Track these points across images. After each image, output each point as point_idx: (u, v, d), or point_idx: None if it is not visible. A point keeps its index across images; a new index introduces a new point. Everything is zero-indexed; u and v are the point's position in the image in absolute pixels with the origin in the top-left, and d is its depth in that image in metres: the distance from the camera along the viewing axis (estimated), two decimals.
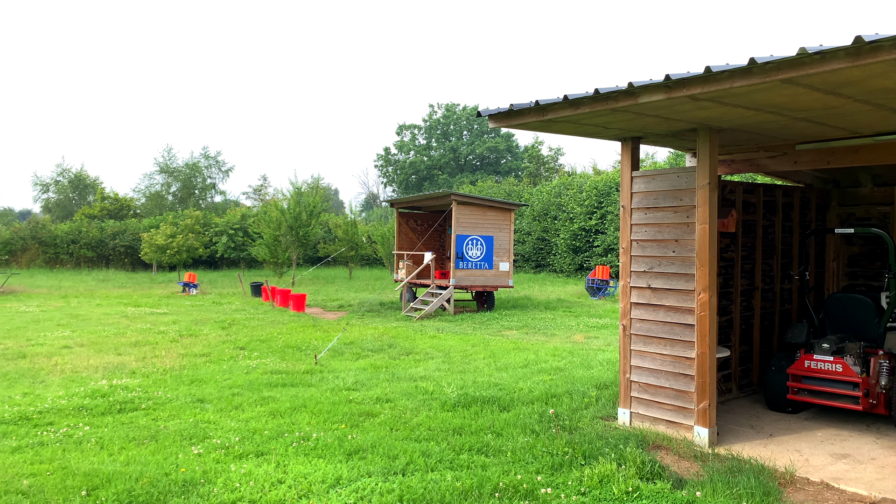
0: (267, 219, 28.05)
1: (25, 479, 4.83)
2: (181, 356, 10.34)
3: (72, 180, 49.52)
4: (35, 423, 6.45)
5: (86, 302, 19.93)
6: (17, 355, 10.30)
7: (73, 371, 9.14)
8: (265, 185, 56.28)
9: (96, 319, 15.22)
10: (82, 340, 11.90)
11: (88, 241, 38.27)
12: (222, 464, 5.20)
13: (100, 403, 7.16)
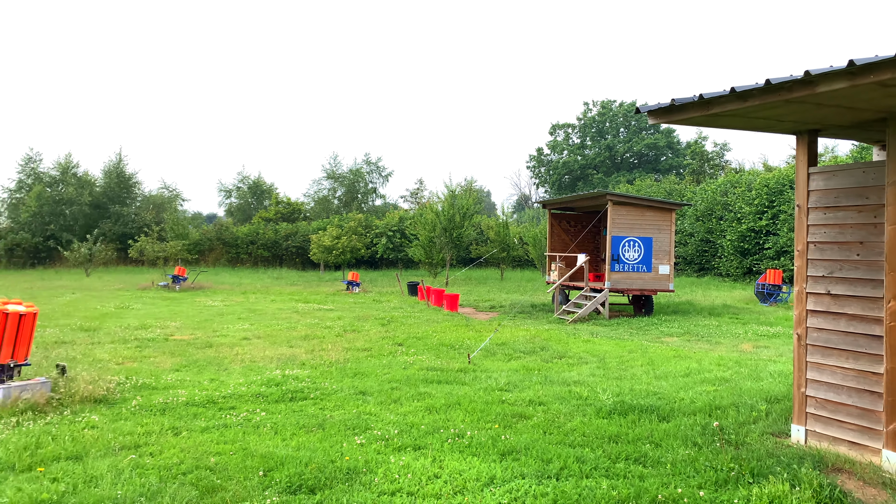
0: (423, 221, 28.97)
1: (212, 456, 5.35)
2: (345, 350, 10.95)
3: (251, 186, 54.11)
4: (220, 406, 7.12)
5: (262, 298, 21.70)
6: (205, 345, 11.44)
7: (251, 361, 9.99)
8: (421, 189, 58.12)
9: (271, 314, 16.52)
10: (259, 333, 12.97)
11: (264, 242, 41.62)
12: (383, 455, 5.44)
13: (274, 391, 7.76)
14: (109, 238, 40.10)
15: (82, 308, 17.47)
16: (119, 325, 13.98)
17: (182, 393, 7.60)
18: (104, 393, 7.37)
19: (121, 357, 10.10)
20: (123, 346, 11.11)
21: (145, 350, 10.83)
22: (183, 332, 13.13)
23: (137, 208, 45.10)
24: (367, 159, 53.55)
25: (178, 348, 11.02)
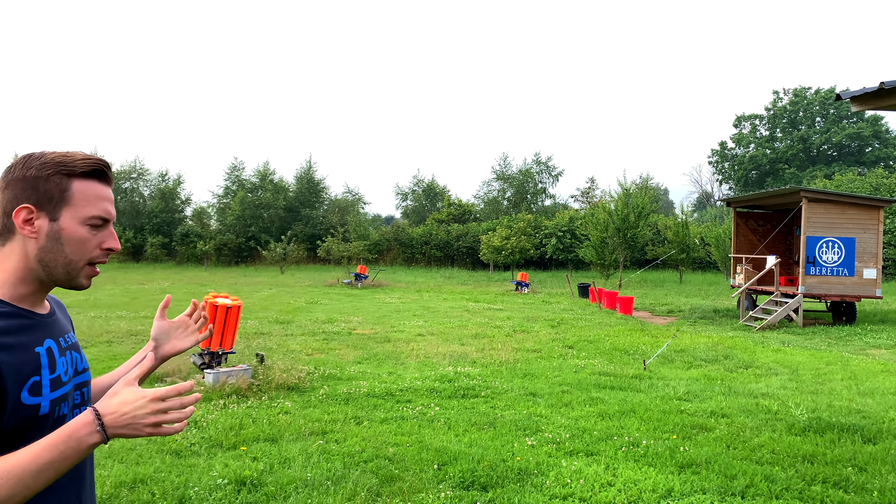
0: (594, 221, 28.36)
1: (391, 447, 5.62)
2: (515, 350, 11.01)
3: (425, 189, 56.19)
4: (397, 399, 7.46)
5: (435, 296, 22.46)
6: (383, 339, 12.05)
7: (425, 356, 10.36)
8: (593, 188, 56.92)
9: (443, 312, 17.04)
10: (432, 330, 13.42)
11: (437, 242, 43.04)
12: (554, 458, 5.39)
13: (447, 387, 7.99)
14: (301, 239, 43.58)
15: (277, 302, 19.14)
16: (308, 318, 15.14)
17: (363, 384, 8.06)
18: (296, 381, 8.01)
19: (310, 348, 10.93)
20: (312, 339, 12.01)
21: (331, 343, 11.62)
22: (364, 326, 13.93)
23: (325, 211, 48.59)
24: (537, 159, 53.41)
25: (360, 342, 11.71)
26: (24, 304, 1.52)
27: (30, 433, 1.42)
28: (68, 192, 1.50)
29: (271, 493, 4.56)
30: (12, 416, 1.39)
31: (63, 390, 1.52)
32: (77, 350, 1.64)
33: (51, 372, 1.49)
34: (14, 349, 1.42)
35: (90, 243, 1.53)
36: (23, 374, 1.42)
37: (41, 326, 1.53)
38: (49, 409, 1.46)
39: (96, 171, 1.54)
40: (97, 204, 1.53)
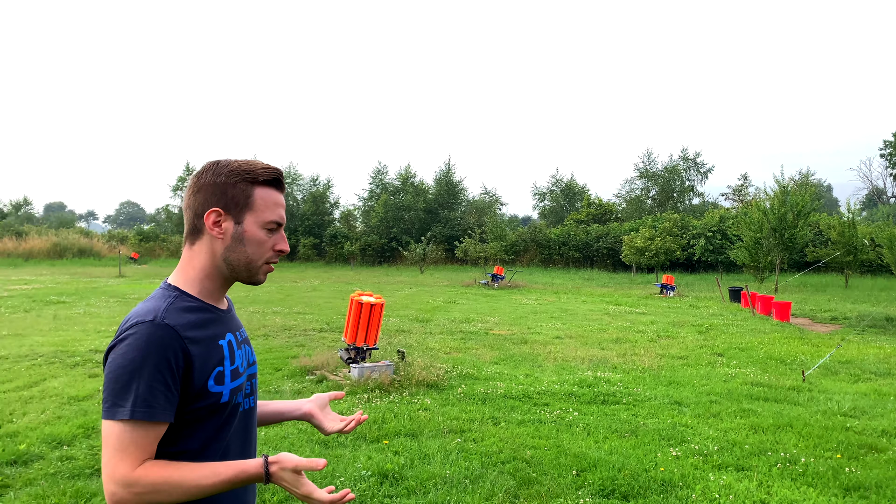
0: (747, 220, 26.60)
1: (528, 449, 5.59)
2: (658, 356, 10.57)
3: (563, 189, 55.47)
4: (535, 402, 7.41)
5: (573, 298, 22.08)
6: (520, 341, 12.02)
7: (563, 360, 10.21)
8: (745, 185, 53.51)
9: (582, 315, 16.71)
10: (570, 333, 13.20)
11: (576, 243, 42.31)
12: (700, 471, 5.12)
13: (586, 392, 7.82)
14: (439, 240, 44.54)
15: (417, 301, 19.67)
16: (446, 317, 15.42)
17: (500, 385, 8.09)
18: (435, 379, 8.18)
19: (448, 347, 11.13)
20: (450, 338, 12.22)
21: (468, 342, 11.76)
22: (501, 327, 13.97)
23: (462, 212, 49.32)
24: (685, 155, 51.00)
25: (497, 342, 11.76)
26: (209, 299, 1.67)
27: (212, 417, 1.58)
28: (251, 198, 1.64)
29: (412, 487, 4.69)
30: (199, 403, 1.55)
31: (239, 381, 1.66)
32: (248, 344, 1.79)
33: (231, 363, 1.64)
34: (202, 342, 1.57)
35: (266, 245, 1.67)
36: (209, 365, 1.57)
37: (223, 321, 1.68)
38: (229, 398, 1.61)
39: (275, 180, 1.69)
40: (274, 210, 1.67)
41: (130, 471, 1.41)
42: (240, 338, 1.74)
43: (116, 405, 1.44)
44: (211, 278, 1.66)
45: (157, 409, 1.46)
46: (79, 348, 10.26)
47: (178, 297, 1.60)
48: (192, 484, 1.45)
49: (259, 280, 1.71)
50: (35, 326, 12.82)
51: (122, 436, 1.43)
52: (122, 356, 1.46)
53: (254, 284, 1.73)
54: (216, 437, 1.60)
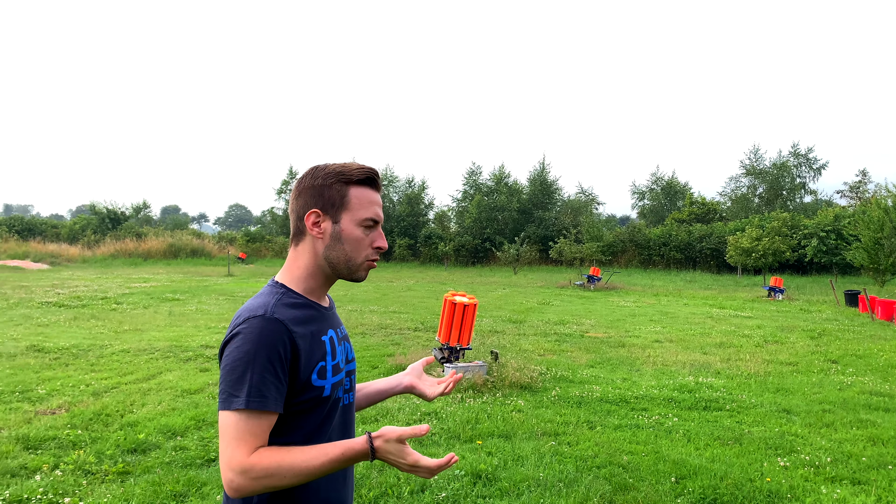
0: (866, 219, 24.81)
1: (625, 455, 5.46)
2: (766, 362, 10.05)
3: (664, 187, 53.73)
4: (632, 406, 7.22)
5: (674, 301, 21.34)
6: (617, 344, 11.75)
7: (662, 364, 9.89)
8: (864, 182, 49.96)
9: (683, 318, 16.12)
10: (671, 336, 12.77)
11: (677, 243, 40.85)
12: (811, 483, 4.83)
13: (686, 398, 7.55)
14: (533, 240, 44.20)
15: (511, 302, 19.61)
16: (540, 319, 15.29)
17: (596, 389, 7.94)
18: (528, 381, 8.13)
19: (542, 349, 11.03)
20: (544, 339, 12.11)
21: (563, 344, 11.61)
22: (597, 329, 13.71)
23: (557, 212, 48.74)
24: (795, 150, 48.22)
25: (593, 345, 11.54)
26: (312, 296, 1.74)
27: (314, 411, 1.65)
28: (346, 197, 1.70)
29: (505, 488, 4.68)
30: (304, 395, 1.62)
31: (339, 376, 1.72)
32: (348, 341, 1.85)
33: (332, 359, 1.70)
34: (307, 337, 1.63)
35: (364, 242, 1.71)
36: (313, 360, 1.64)
37: (325, 317, 1.74)
38: (330, 392, 1.68)
39: (369, 179, 1.73)
40: (369, 208, 1.71)
41: (246, 458, 1.48)
42: (340, 335, 1.80)
43: (232, 396, 1.51)
44: (314, 277, 1.73)
45: (269, 399, 1.53)
46: (191, 343, 10.89)
47: (285, 293, 1.68)
48: (303, 466, 1.50)
49: (360, 277, 1.75)
50: (152, 322, 13.73)
51: (238, 425, 1.50)
52: (236, 349, 1.54)
53: (356, 281, 1.76)
54: (318, 430, 1.66)
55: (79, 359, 9.46)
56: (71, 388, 7.62)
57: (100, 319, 14.03)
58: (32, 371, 8.54)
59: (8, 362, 9.10)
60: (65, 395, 7.29)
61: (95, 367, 8.87)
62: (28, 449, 5.41)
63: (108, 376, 8.30)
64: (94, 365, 9.04)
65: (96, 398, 7.17)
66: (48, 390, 7.48)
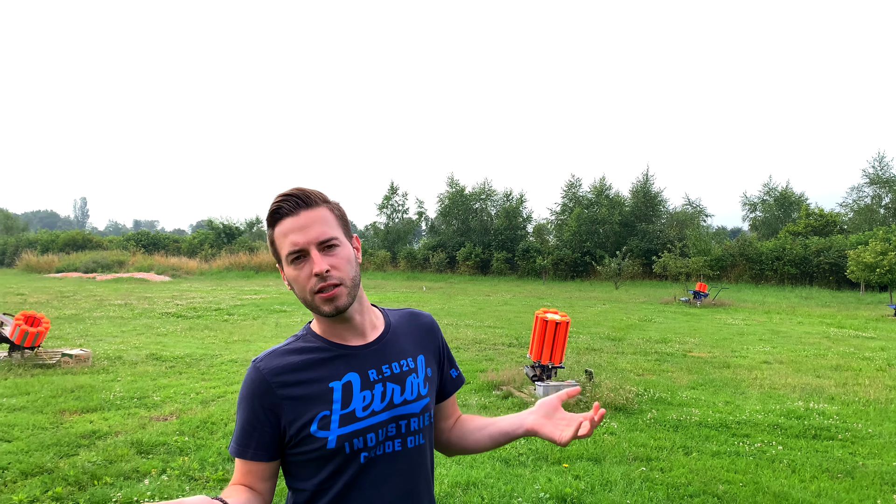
0: None
1: (721, 484, 5.20)
2: (888, 388, 9.28)
3: (777, 198, 50.91)
4: (733, 432, 6.87)
5: (787, 319, 20.13)
6: (721, 364, 11.21)
7: (770, 387, 9.35)
8: None
9: (796, 338, 15.18)
10: (781, 357, 12.05)
11: (792, 257, 38.53)
12: None
13: (794, 425, 7.10)
14: (636, 254, 42.98)
15: (610, 318, 19.15)
16: (641, 337, 14.83)
17: (695, 412, 7.61)
18: (623, 402, 7.91)
19: (640, 369, 10.70)
20: (643, 358, 11.74)
21: (663, 364, 11.21)
22: (701, 349, 13.14)
23: (662, 225, 47.20)
24: None
25: (695, 365, 11.08)
26: (333, 337, 1.59)
27: (321, 463, 1.53)
28: (274, 243, 1.57)
29: None
30: (302, 447, 1.53)
31: (356, 426, 1.53)
32: (399, 381, 1.61)
33: (343, 407, 1.53)
34: (301, 385, 1.52)
35: (300, 277, 1.52)
36: (308, 409, 1.52)
37: (345, 359, 1.57)
38: (336, 444, 1.51)
39: (275, 213, 1.54)
40: (285, 241, 1.52)
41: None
42: (375, 375, 1.58)
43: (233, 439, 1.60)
44: (319, 319, 1.61)
45: (248, 449, 1.53)
46: None
47: (301, 337, 1.61)
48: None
49: (323, 312, 1.53)
50: (260, 333, 14.43)
51: (236, 463, 1.59)
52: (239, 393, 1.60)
53: (327, 317, 1.55)
54: (331, 482, 1.54)
55: (191, 367, 10.08)
56: (182, 395, 8.13)
57: (212, 330, 14.90)
58: (150, 378, 9.18)
59: (130, 369, 9.83)
60: (176, 402, 7.79)
61: (206, 376, 9.43)
62: (141, 453, 5.83)
63: (216, 385, 8.80)
64: (204, 374, 9.61)
65: (204, 406, 7.62)
66: (162, 397, 8.03)
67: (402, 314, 1.77)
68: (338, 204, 1.62)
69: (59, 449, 5.85)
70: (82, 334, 13.84)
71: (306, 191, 1.55)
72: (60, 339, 12.88)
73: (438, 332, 1.80)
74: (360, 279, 1.60)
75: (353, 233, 1.65)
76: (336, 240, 1.54)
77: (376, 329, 1.66)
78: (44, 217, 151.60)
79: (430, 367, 1.72)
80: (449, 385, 1.83)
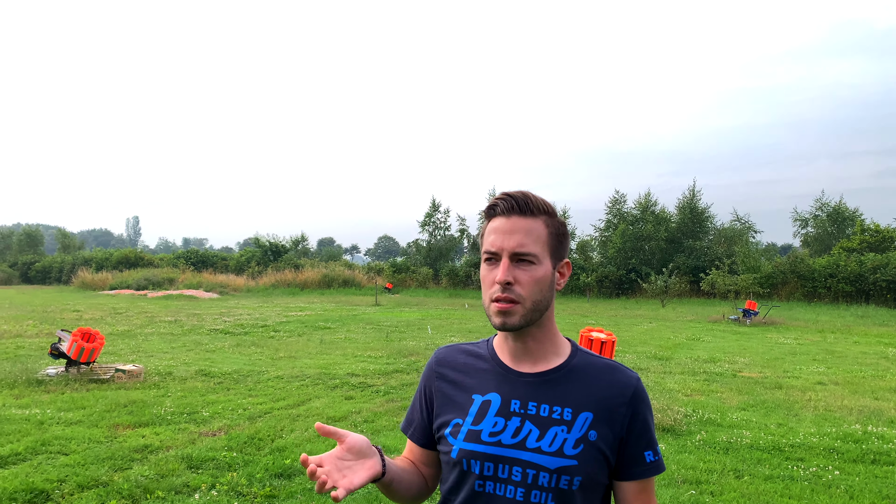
0: None
1: None
2: None
3: (830, 214, 49.48)
4: (787, 455, 6.66)
5: (842, 338, 19.47)
6: (773, 385, 10.89)
7: (825, 409, 9.05)
8: None
9: (852, 358, 14.66)
10: (837, 378, 11.65)
11: (846, 275, 37.30)
12: None
13: (851, 448, 6.85)
14: (682, 271, 42.21)
15: (657, 337, 18.80)
16: (689, 356, 14.52)
17: (746, 434, 7.41)
18: (671, 423, 7.75)
19: (689, 389, 10.47)
20: (692, 378, 11.48)
21: (712, 384, 10.95)
22: (751, 369, 12.80)
23: (709, 242, 46.29)
24: None
25: (746, 386, 10.79)
26: (499, 352, 1.55)
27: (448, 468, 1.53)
28: (482, 237, 1.51)
29: None
30: (440, 445, 1.57)
31: (480, 448, 1.46)
32: (544, 426, 1.45)
33: (474, 423, 1.48)
34: (453, 384, 1.55)
35: (487, 279, 1.46)
36: (448, 409, 1.54)
37: (498, 377, 1.51)
38: (457, 457, 1.48)
39: (491, 207, 1.50)
40: (487, 239, 1.47)
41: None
42: (518, 409, 1.47)
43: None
44: (498, 334, 1.57)
45: (410, 425, 1.64)
46: (338, 371, 11.46)
47: (483, 343, 1.61)
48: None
49: (493, 321, 1.45)
50: (305, 349, 14.61)
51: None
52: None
53: (498, 329, 1.48)
54: (454, 494, 1.52)
55: (239, 384, 10.26)
56: (230, 411, 8.28)
57: (259, 346, 15.15)
58: (199, 394, 9.38)
59: (180, 385, 10.06)
60: (225, 418, 7.94)
61: (253, 392, 9.58)
62: (191, 468, 5.95)
63: (262, 401, 8.93)
64: (251, 390, 9.77)
65: (251, 422, 7.74)
66: (211, 413, 8.19)
67: (598, 363, 1.55)
68: (561, 222, 1.53)
69: (114, 462, 6.01)
70: (134, 350, 14.23)
71: (529, 197, 1.47)
72: (114, 354, 13.26)
73: (637, 401, 1.50)
74: (547, 305, 1.49)
75: (565, 257, 1.56)
76: (533, 256, 1.44)
77: (549, 363, 1.52)
78: (98, 235, 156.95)
79: (595, 430, 1.45)
80: (632, 466, 1.49)
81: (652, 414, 1.54)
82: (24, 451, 6.30)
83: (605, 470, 1.46)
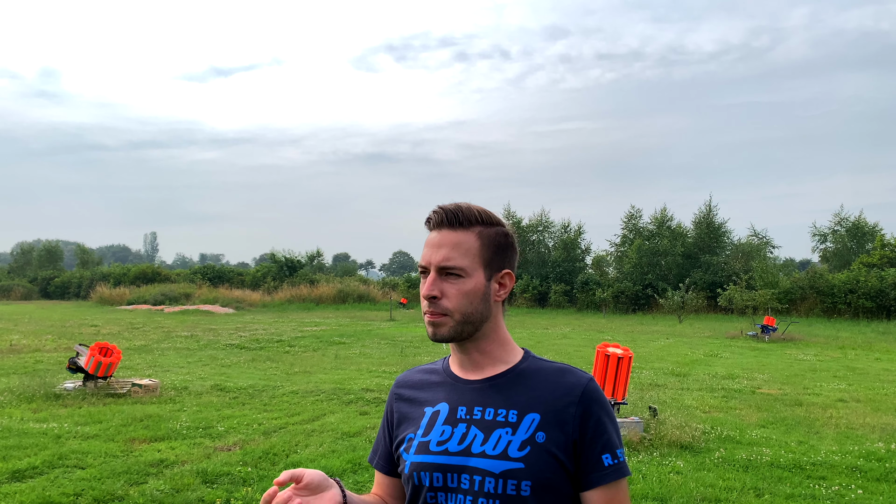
0: None
1: None
2: None
3: (849, 229, 48.94)
4: (808, 473, 6.54)
5: (863, 354, 19.17)
6: (793, 402, 10.73)
7: (847, 427, 8.89)
8: None
9: (874, 375, 14.42)
10: (858, 396, 11.46)
11: (866, 290, 36.79)
12: None
13: (875, 467, 6.72)
14: (699, 286, 41.85)
15: (674, 353, 18.63)
16: (707, 372, 14.36)
17: (766, 452, 7.29)
18: (689, 440, 7.65)
19: (707, 405, 10.33)
20: (710, 395, 11.34)
21: (731, 401, 10.81)
22: (770, 385, 12.62)
23: (727, 257, 45.93)
24: None
25: (765, 403, 10.63)
26: (452, 365, 1.54)
27: (407, 488, 1.48)
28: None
29: None
30: (398, 464, 1.54)
31: (429, 458, 1.43)
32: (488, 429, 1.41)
33: (424, 434, 1.46)
34: (409, 402, 1.55)
35: (421, 292, 1.45)
36: (403, 427, 1.53)
37: (447, 387, 1.50)
38: (409, 471, 1.45)
39: (426, 222, 1.49)
40: (422, 252, 1.47)
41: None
42: (462, 414, 1.44)
43: None
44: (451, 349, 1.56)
45: (375, 454, 1.64)
46: (353, 386, 11.44)
47: (441, 361, 1.59)
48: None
49: (428, 333, 1.45)
50: (320, 364, 14.62)
51: None
52: None
53: (433, 341, 1.47)
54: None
55: (254, 398, 10.28)
56: (245, 426, 8.29)
57: (274, 361, 15.19)
58: (214, 409, 9.40)
59: (195, 400, 10.09)
60: (240, 432, 7.94)
61: (268, 407, 9.59)
62: (206, 482, 5.95)
63: (277, 416, 8.93)
64: (266, 405, 9.78)
65: (266, 437, 7.74)
66: (226, 428, 8.20)
67: (548, 367, 1.50)
68: (503, 231, 1.49)
69: (130, 477, 6.03)
70: (151, 365, 14.32)
71: (462, 209, 1.45)
72: (130, 369, 13.35)
73: (588, 400, 1.42)
74: (482, 317, 1.44)
75: (507, 268, 1.51)
76: (460, 269, 1.41)
77: (498, 369, 1.48)
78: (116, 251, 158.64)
79: (543, 432, 1.38)
80: (590, 471, 1.39)
81: (611, 415, 1.44)
82: (42, 464, 6.34)
83: (560, 475, 1.37)
